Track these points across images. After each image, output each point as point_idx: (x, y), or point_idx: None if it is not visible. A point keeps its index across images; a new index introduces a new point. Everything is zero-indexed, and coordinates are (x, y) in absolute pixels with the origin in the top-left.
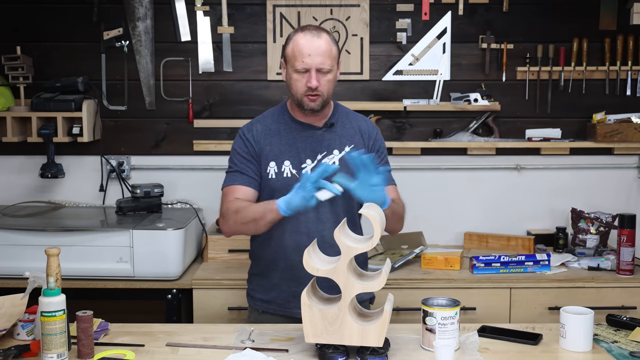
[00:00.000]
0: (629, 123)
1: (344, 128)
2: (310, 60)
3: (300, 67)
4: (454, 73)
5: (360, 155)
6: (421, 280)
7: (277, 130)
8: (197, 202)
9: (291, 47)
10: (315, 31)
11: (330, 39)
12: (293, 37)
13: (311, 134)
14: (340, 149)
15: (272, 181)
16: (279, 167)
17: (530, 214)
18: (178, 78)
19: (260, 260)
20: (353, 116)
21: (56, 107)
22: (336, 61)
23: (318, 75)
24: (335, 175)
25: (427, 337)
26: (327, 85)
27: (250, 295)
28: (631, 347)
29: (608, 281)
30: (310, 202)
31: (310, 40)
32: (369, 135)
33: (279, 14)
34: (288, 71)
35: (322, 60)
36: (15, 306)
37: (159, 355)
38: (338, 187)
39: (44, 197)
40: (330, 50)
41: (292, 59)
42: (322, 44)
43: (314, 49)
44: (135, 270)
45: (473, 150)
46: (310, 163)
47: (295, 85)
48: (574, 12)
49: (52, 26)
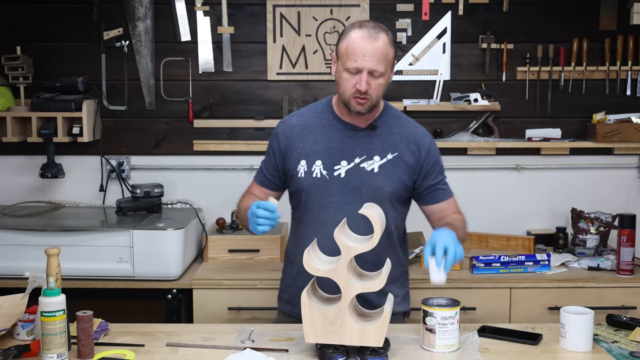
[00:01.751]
0: (629, 123)
1: (391, 133)
2: (363, 62)
3: (352, 67)
4: (454, 73)
5: (454, 254)
6: (421, 280)
7: (314, 127)
8: (197, 202)
9: (345, 44)
10: (374, 30)
11: (388, 40)
12: (349, 32)
13: (352, 135)
14: (382, 155)
15: (300, 180)
16: (309, 166)
17: (530, 214)
18: (178, 78)
19: (290, 261)
20: (404, 120)
21: (56, 107)
22: (391, 64)
23: (369, 79)
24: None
25: (427, 337)
26: (377, 89)
27: (280, 295)
28: (631, 347)
29: (608, 281)
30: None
31: (367, 40)
32: (418, 145)
33: (279, 14)
34: (338, 68)
35: (376, 64)
36: (15, 306)
37: (159, 355)
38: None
39: (44, 197)
40: (385, 53)
41: (345, 56)
42: (378, 45)
43: (369, 51)
44: (135, 270)
45: (473, 150)
46: (346, 165)
47: (344, 85)
48: (574, 12)
49: (52, 26)
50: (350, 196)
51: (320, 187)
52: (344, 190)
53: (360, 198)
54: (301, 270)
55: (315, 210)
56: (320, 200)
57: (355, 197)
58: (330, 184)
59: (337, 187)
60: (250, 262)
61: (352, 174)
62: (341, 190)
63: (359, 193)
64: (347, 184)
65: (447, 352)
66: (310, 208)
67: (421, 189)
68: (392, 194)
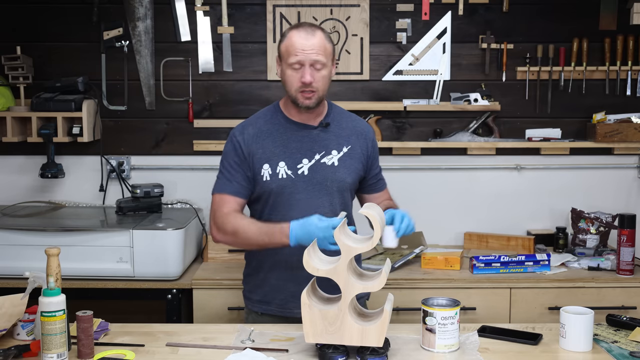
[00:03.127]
0: (629, 123)
1: (340, 128)
2: (303, 55)
3: (294, 61)
4: (454, 73)
5: (409, 223)
6: (421, 280)
7: (269, 132)
8: (197, 202)
9: (285, 44)
10: (310, 28)
11: (324, 36)
12: (287, 33)
13: (307, 134)
14: (338, 150)
15: (266, 183)
16: (273, 168)
17: (530, 214)
18: (178, 78)
19: (257, 260)
20: (348, 116)
21: (56, 107)
22: (331, 58)
23: (312, 71)
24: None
25: (427, 337)
26: (321, 81)
27: (247, 297)
28: (631, 347)
29: (608, 281)
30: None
31: (304, 37)
32: (365, 136)
33: (279, 14)
34: (283, 68)
35: (316, 55)
36: (15, 306)
37: (159, 355)
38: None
39: (44, 197)
40: (324, 46)
41: (286, 54)
42: (316, 40)
43: (308, 45)
44: (135, 270)
45: (473, 150)
46: (307, 162)
47: (290, 82)
48: (574, 12)
49: (52, 26)
50: (316, 191)
51: (288, 186)
52: (309, 187)
53: (326, 192)
54: (273, 268)
55: (284, 210)
56: (288, 199)
57: (320, 191)
58: (295, 182)
59: (303, 184)
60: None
61: (314, 170)
62: (307, 187)
63: (324, 187)
64: (312, 180)
65: (447, 352)
66: (278, 208)
67: (368, 178)
68: (352, 184)
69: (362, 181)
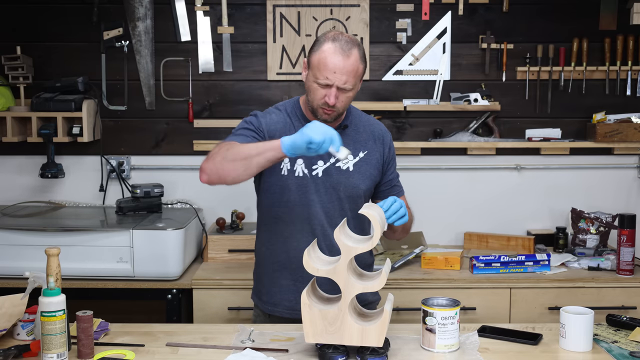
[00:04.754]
0: (629, 123)
1: (358, 132)
2: (334, 78)
3: (323, 83)
4: (454, 73)
5: (398, 209)
6: (421, 280)
7: (292, 126)
8: (197, 202)
9: (317, 57)
10: (347, 45)
11: (359, 56)
12: (322, 46)
13: None
14: (354, 154)
15: (284, 177)
16: (292, 164)
17: (530, 214)
18: (178, 78)
19: (268, 260)
20: (365, 119)
21: (56, 107)
22: (360, 78)
23: (338, 93)
24: None
25: (427, 337)
26: (345, 101)
27: (257, 296)
28: (631, 347)
29: (608, 281)
30: (318, 150)
31: (339, 59)
32: (383, 141)
33: (279, 14)
34: (309, 76)
35: (346, 80)
36: (15, 306)
37: (159, 355)
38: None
39: (44, 197)
40: (356, 70)
41: (316, 69)
42: (350, 61)
43: (340, 67)
44: (135, 270)
45: (473, 150)
46: (323, 164)
47: (314, 94)
48: (574, 12)
49: (52, 26)
50: (329, 195)
51: (303, 185)
52: (322, 189)
53: (338, 196)
54: (282, 269)
55: (298, 209)
56: (302, 198)
57: (333, 195)
58: (309, 182)
59: (316, 186)
60: (250, 262)
61: (329, 173)
62: (319, 190)
63: (336, 192)
64: (325, 183)
65: (447, 352)
66: (291, 206)
67: (381, 183)
68: (367, 191)
69: (376, 186)
